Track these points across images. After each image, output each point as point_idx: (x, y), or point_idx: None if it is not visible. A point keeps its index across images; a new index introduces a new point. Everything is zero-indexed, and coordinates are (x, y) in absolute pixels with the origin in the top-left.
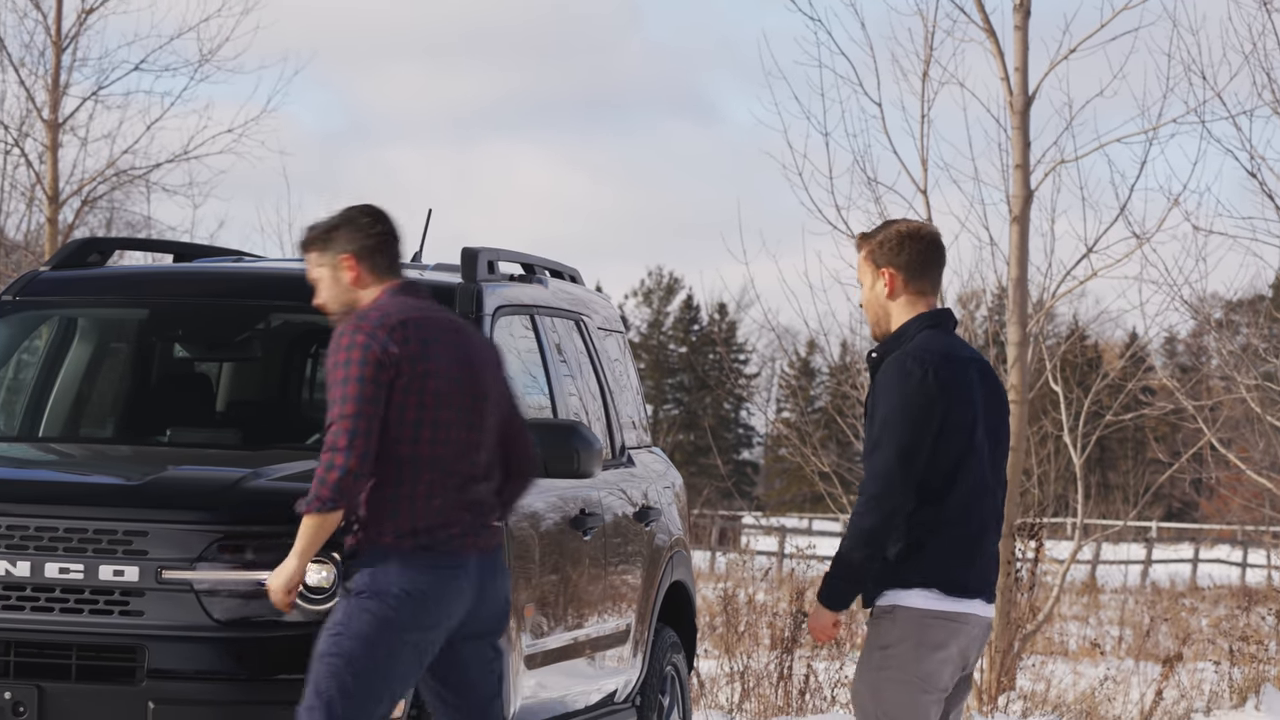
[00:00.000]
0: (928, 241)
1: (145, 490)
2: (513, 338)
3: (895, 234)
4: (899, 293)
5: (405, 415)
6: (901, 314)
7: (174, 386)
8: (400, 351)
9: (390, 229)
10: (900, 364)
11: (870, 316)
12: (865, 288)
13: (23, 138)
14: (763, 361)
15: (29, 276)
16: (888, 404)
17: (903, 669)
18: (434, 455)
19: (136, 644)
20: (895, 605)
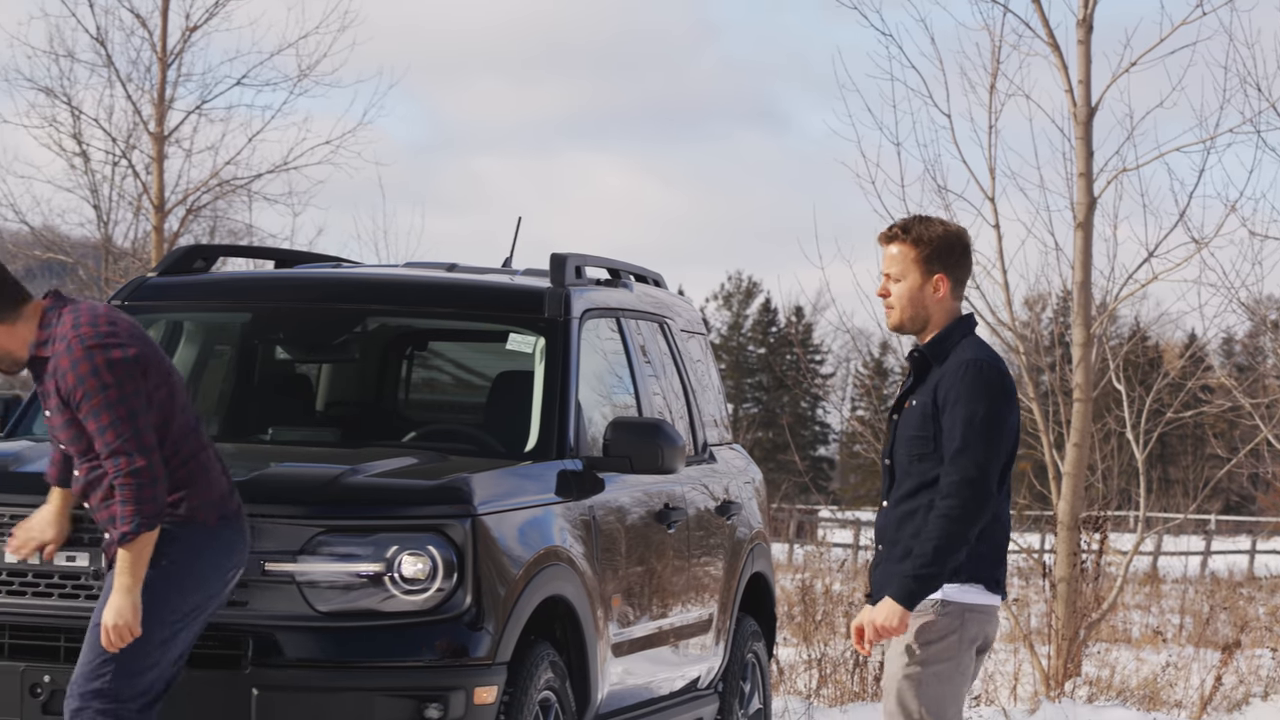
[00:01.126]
0: (970, 251)
1: (249, 486)
2: (599, 339)
3: (954, 241)
4: (946, 299)
5: (160, 394)
6: (943, 316)
7: (275, 387)
8: (142, 349)
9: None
10: (979, 370)
11: (905, 312)
12: (910, 286)
13: (130, 150)
14: (838, 362)
15: (137, 282)
16: (971, 408)
17: (945, 664)
18: (189, 424)
19: (241, 633)
20: (944, 600)
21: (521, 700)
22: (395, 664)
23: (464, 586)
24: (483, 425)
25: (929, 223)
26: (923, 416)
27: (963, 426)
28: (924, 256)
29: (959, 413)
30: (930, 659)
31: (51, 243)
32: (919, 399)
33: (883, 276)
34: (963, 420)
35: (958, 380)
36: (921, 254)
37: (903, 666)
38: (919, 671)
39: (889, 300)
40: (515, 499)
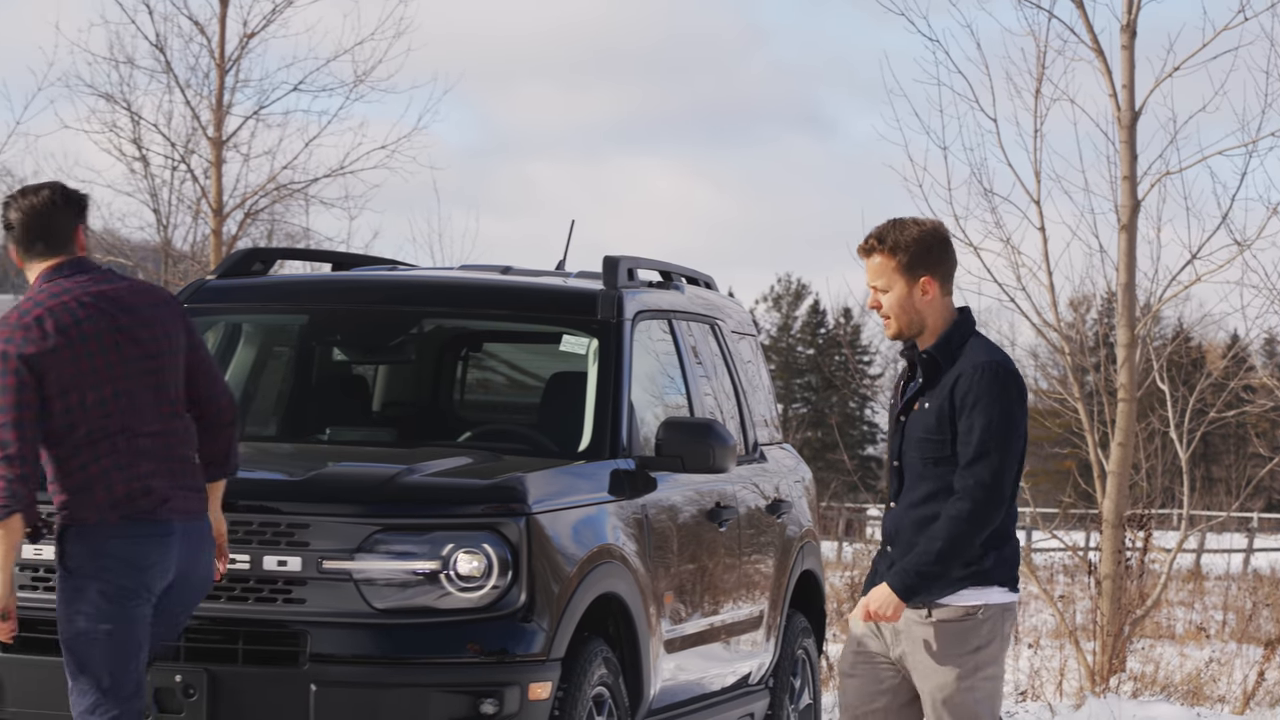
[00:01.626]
0: (950, 242)
1: (307, 485)
2: (651, 341)
3: (931, 240)
4: (937, 298)
5: (69, 400)
6: (938, 316)
7: (332, 388)
8: (38, 349)
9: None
10: (996, 373)
11: (901, 320)
12: (899, 294)
13: (189, 154)
14: (885, 363)
15: (197, 284)
16: (990, 413)
17: (995, 665)
18: (105, 428)
19: (299, 630)
20: (984, 604)
21: (575, 696)
22: (451, 660)
23: (519, 584)
24: (537, 425)
25: (903, 227)
26: (939, 420)
27: (980, 432)
28: (905, 263)
29: (978, 418)
30: (984, 664)
31: (112, 246)
32: (933, 401)
33: (870, 290)
34: (981, 426)
35: (975, 383)
36: (902, 261)
37: (957, 677)
38: (973, 679)
39: (882, 311)
40: (569, 498)
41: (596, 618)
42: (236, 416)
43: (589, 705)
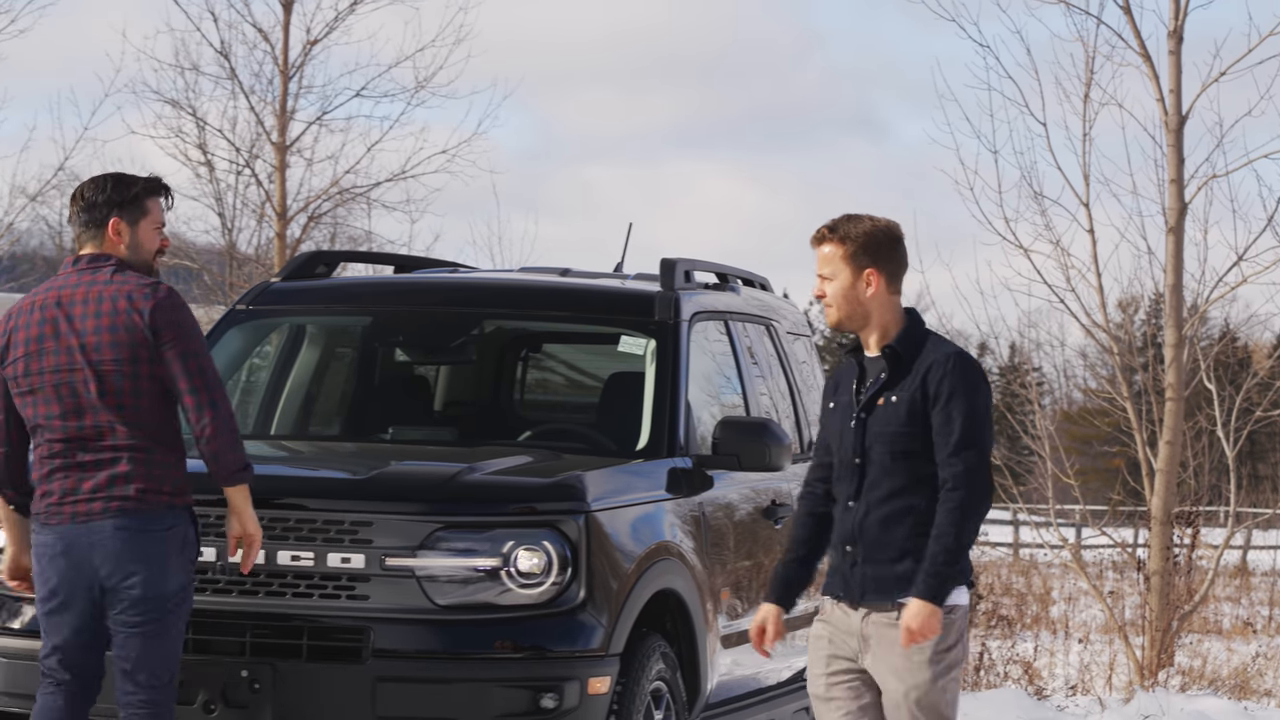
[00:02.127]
0: (903, 243)
1: (370, 484)
2: (708, 341)
3: (881, 236)
4: (881, 293)
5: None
6: (884, 312)
7: (395, 388)
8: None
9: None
10: (969, 364)
11: (841, 310)
12: (842, 284)
13: (253, 159)
14: None
15: (261, 287)
16: (970, 400)
17: (961, 665)
18: (33, 426)
19: (363, 625)
20: (956, 605)
21: (634, 690)
22: (510, 655)
23: (578, 580)
24: (595, 424)
25: (857, 220)
26: (910, 412)
27: (963, 419)
28: (851, 253)
29: (957, 406)
30: (954, 664)
31: (178, 249)
32: (901, 394)
33: (818, 278)
34: (963, 413)
35: (950, 372)
36: (849, 251)
37: (931, 677)
38: (948, 679)
39: (825, 300)
40: (627, 496)
41: (654, 614)
42: (221, 430)
43: (647, 700)
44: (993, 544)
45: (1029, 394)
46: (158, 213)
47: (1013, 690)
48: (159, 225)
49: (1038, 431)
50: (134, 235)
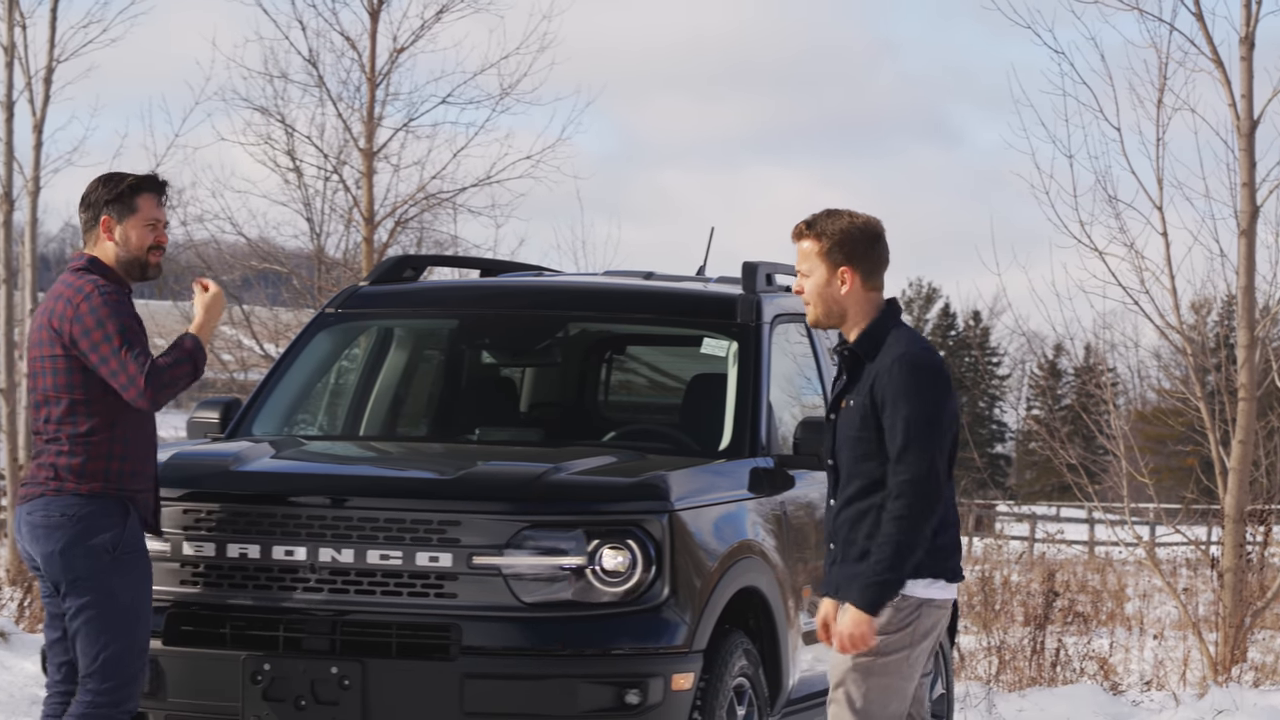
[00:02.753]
0: (883, 240)
1: (457, 484)
2: (789, 343)
3: (857, 233)
4: (856, 290)
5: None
6: (859, 309)
7: (481, 389)
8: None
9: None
10: (910, 364)
11: (818, 308)
12: (817, 281)
13: (341, 165)
14: (1014, 364)
15: (350, 291)
16: (910, 405)
17: (897, 655)
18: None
19: (451, 623)
20: (902, 595)
21: (717, 686)
22: (596, 652)
23: (662, 578)
24: (678, 425)
25: (835, 216)
26: (862, 417)
27: (903, 425)
28: (827, 250)
29: (899, 411)
30: (881, 650)
31: (267, 254)
32: (855, 399)
33: (796, 273)
34: (903, 418)
35: (893, 377)
36: (824, 248)
37: (851, 663)
38: (869, 662)
39: (804, 297)
40: (710, 495)
41: (737, 611)
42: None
43: (730, 696)
44: (1068, 542)
45: (1104, 394)
46: (149, 209)
47: (1089, 685)
48: (150, 222)
49: (1113, 431)
50: (123, 232)
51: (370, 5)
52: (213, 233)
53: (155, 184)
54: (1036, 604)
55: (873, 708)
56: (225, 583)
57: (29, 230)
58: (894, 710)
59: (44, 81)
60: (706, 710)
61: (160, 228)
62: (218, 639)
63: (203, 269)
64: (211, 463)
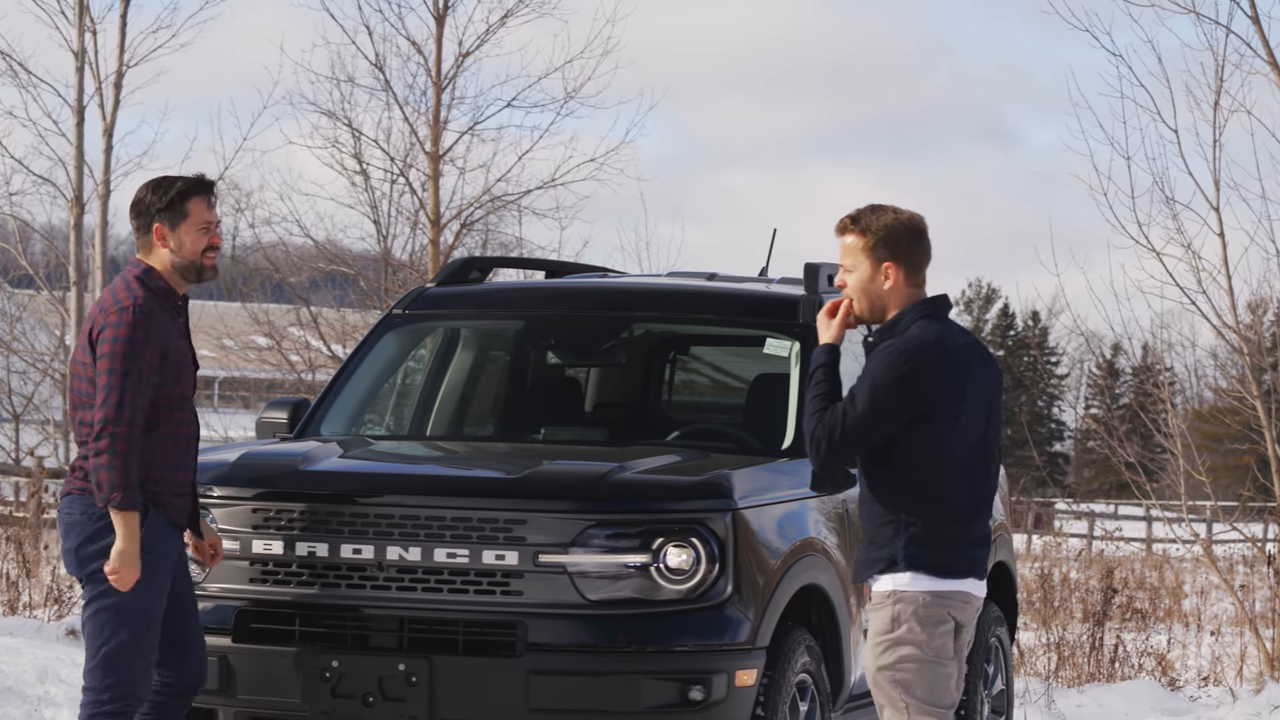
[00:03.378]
0: (926, 236)
1: (523, 483)
2: (850, 343)
3: (901, 229)
4: (899, 286)
5: None
6: (897, 303)
7: (547, 389)
8: None
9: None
10: (887, 354)
11: (861, 303)
12: (861, 276)
13: (407, 168)
14: (1072, 363)
15: (416, 292)
16: (860, 383)
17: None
18: None
19: (517, 621)
20: (893, 590)
21: (779, 683)
22: (660, 649)
23: (725, 576)
24: (741, 424)
25: (879, 212)
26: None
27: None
28: (871, 245)
29: (857, 386)
30: (896, 645)
31: (334, 256)
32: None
33: (840, 268)
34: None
35: (870, 362)
36: (869, 243)
37: (874, 660)
38: (890, 661)
39: (846, 291)
40: (773, 494)
41: (799, 608)
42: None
43: (792, 692)
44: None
45: (1161, 393)
46: (200, 213)
47: (1147, 681)
48: (203, 225)
49: (1170, 430)
50: (177, 238)
51: (436, 10)
52: (280, 235)
53: (204, 186)
54: (1095, 601)
55: (913, 701)
56: (294, 581)
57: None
58: (938, 699)
59: (114, 86)
60: (769, 706)
61: (213, 229)
62: (286, 637)
63: (271, 271)
64: (280, 462)
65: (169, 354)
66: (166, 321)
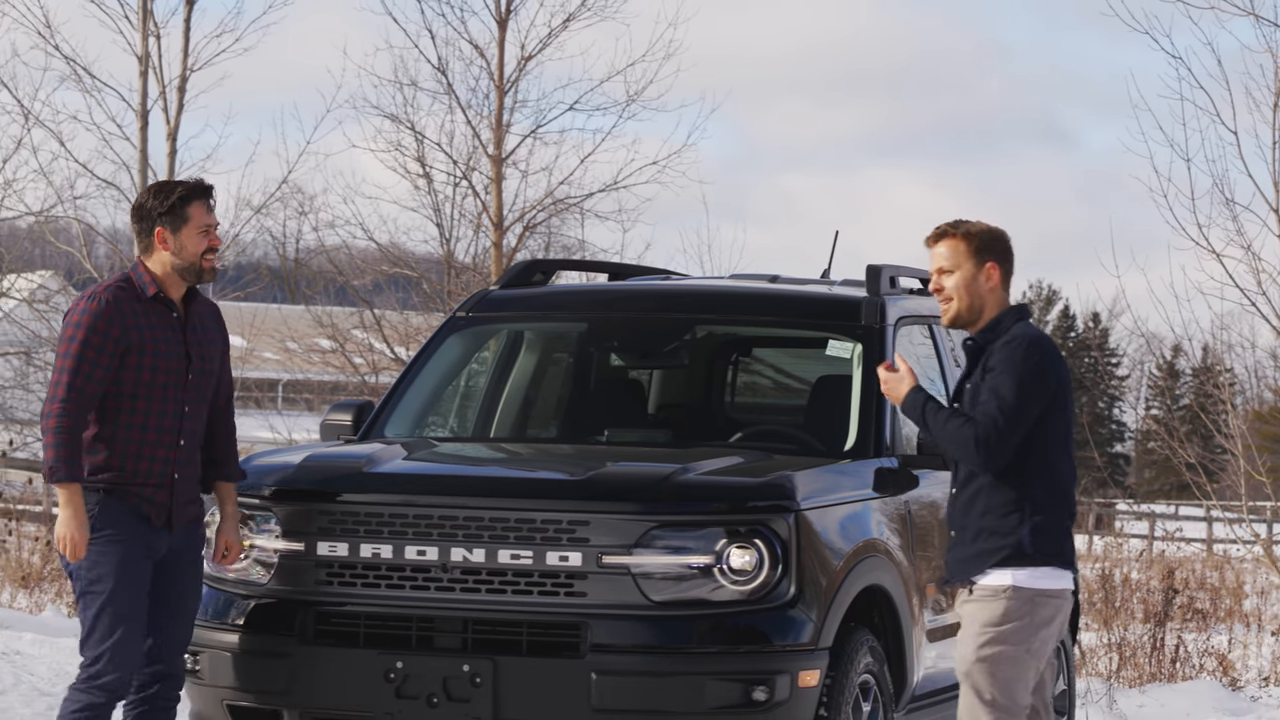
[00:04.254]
0: (1012, 249)
1: (587, 484)
2: (912, 345)
3: (999, 234)
4: (998, 287)
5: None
6: (995, 305)
7: (610, 391)
8: None
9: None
10: (1014, 349)
11: (962, 302)
12: (964, 276)
13: (470, 172)
14: (1132, 364)
15: (480, 295)
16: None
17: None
18: None
19: (580, 622)
20: (1011, 585)
21: (842, 683)
22: (724, 650)
23: (788, 577)
24: (804, 426)
25: (974, 221)
26: (973, 401)
27: (988, 392)
28: (975, 248)
29: (990, 383)
30: (1000, 641)
31: (397, 258)
32: (973, 383)
33: (934, 274)
34: (990, 387)
35: (998, 353)
36: (973, 246)
37: (975, 650)
38: (991, 654)
39: (944, 294)
40: (835, 495)
41: (862, 609)
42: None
43: (855, 692)
44: (1187, 540)
45: (1221, 394)
46: (200, 216)
47: (1208, 681)
48: (203, 228)
49: (1230, 431)
50: (178, 241)
51: (498, 14)
52: (344, 238)
53: (204, 190)
54: (1156, 601)
55: (1000, 698)
56: (359, 583)
57: None
58: (1019, 698)
59: (178, 90)
60: (832, 706)
61: (213, 231)
62: (351, 638)
63: (334, 274)
64: (345, 464)
65: (142, 345)
66: (142, 315)
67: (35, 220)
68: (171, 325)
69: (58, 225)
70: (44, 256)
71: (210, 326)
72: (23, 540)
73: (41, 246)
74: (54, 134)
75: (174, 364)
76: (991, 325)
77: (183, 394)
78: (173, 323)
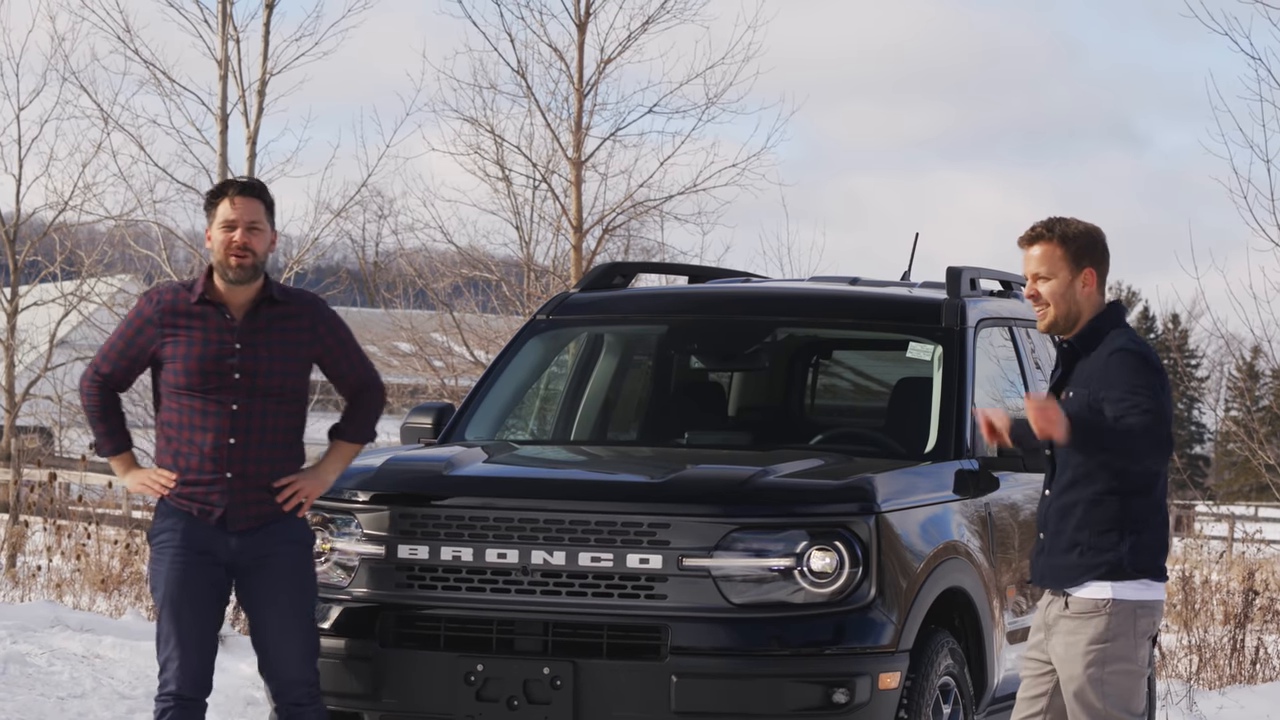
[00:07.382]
0: (1108, 247)
1: (668, 487)
2: (993, 347)
3: (1096, 235)
4: (1095, 292)
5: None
6: (1091, 309)
7: (690, 394)
8: None
9: None
10: (1133, 356)
11: (1059, 309)
12: (1060, 282)
13: (549, 175)
14: (1212, 366)
15: (560, 298)
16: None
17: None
18: None
19: (660, 624)
20: (1112, 599)
21: (922, 685)
22: (804, 652)
23: (868, 579)
24: (884, 428)
25: (1069, 221)
26: (1079, 408)
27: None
28: (1072, 253)
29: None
30: (1113, 658)
31: (477, 261)
32: (1078, 390)
33: (1029, 279)
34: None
35: (1115, 369)
36: (1069, 251)
37: (1083, 669)
38: (1099, 671)
39: (1040, 300)
40: (916, 497)
41: (942, 611)
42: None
43: (935, 694)
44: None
45: None
46: (224, 212)
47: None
48: (224, 223)
49: None
50: (212, 238)
51: (578, 17)
52: (423, 241)
53: (233, 186)
54: (1236, 603)
55: (1115, 712)
56: (439, 585)
57: None
58: (1135, 708)
59: (257, 94)
60: (913, 709)
61: (241, 226)
62: (432, 641)
63: (414, 277)
64: (426, 467)
65: (176, 345)
66: (183, 317)
67: (115, 224)
68: (219, 326)
69: (137, 229)
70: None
71: (288, 327)
72: (102, 544)
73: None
74: (134, 138)
75: (213, 365)
76: (1089, 330)
77: (230, 394)
78: (221, 323)
